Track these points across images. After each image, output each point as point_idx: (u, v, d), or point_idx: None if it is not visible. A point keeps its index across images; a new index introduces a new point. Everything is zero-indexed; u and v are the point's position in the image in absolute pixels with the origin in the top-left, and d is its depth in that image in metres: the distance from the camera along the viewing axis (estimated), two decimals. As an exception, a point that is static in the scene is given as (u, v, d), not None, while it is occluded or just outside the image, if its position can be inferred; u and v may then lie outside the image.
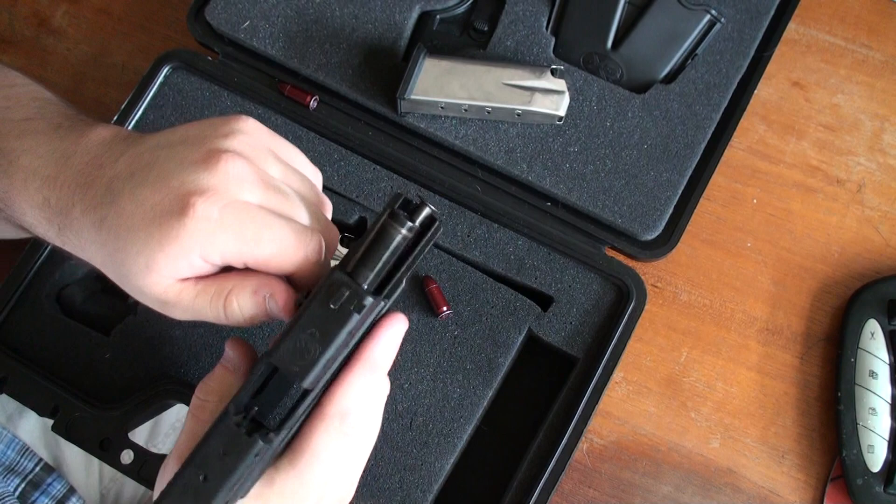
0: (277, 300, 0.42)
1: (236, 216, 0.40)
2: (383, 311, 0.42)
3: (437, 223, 0.40)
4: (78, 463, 0.67)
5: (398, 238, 0.39)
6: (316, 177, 0.48)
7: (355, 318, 0.38)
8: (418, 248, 0.40)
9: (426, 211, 0.40)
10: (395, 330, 0.43)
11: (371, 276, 0.40)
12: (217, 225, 0.40)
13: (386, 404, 0.60)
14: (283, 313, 0.42)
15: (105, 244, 0.42)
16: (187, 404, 0.62)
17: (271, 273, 0.42)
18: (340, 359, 0.40)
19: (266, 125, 0.65)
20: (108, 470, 0.68)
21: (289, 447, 0.42)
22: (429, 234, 0.40)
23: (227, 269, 0.43)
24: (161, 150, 0.42)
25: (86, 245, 0.43)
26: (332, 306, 0.38)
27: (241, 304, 0.42)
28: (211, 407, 0.42)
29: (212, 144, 0.41)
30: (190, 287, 0.42)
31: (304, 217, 0.43)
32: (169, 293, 0.42)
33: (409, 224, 0.40)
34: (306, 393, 0.40)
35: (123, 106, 0.66)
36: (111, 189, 0.42)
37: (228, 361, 0.44)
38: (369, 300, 0.39)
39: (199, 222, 0.39)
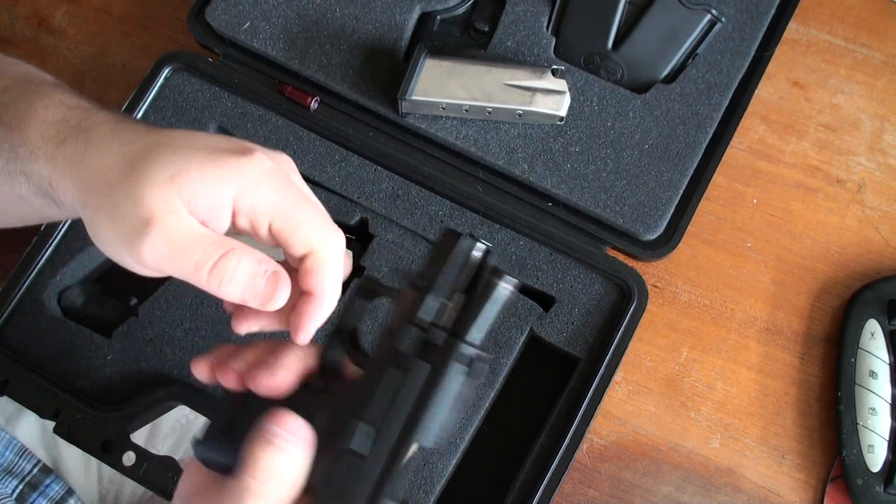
0: (274, 286, 0.41)
1: (282, 178, 0.41)
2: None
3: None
4: (77, 464, 0.67)
5: (497, 292, 0.38)
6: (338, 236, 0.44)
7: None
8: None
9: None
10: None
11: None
12: (265, 176, 0.40)
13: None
14: (267, 304, 0.41)
15: (131, 143, 0.41)
16: (189, 406, 0.62)
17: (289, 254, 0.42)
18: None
19: (267, 126, 0.67)
20: (107, 471, 0.68)
21: None
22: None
23: None
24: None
25: (96, 151, 0.42)
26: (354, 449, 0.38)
27: (239, 267, 0.40)
28: None
29: (242, 144, 0.43)
30: (194, 222, 0.40)
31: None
32: (169, 213, 0.39)
33: (509, 279, 0.39)
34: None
35: (124, 107, 0.66)
36: (156, 129, 0.43)
37: None
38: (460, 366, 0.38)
39: (252, 166, 0.40)
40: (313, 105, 0.67)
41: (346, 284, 0.63)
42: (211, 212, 0.40)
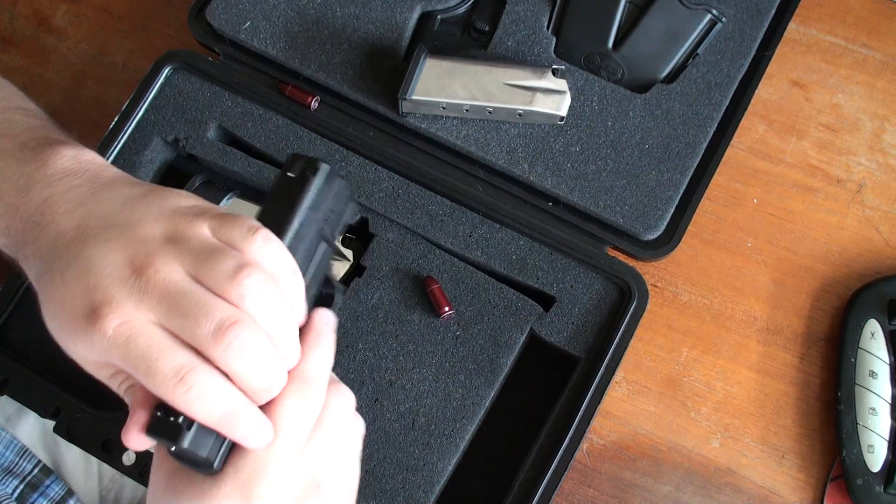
0: (136, 398, 0.40)
1: (129, 338, 0.37)
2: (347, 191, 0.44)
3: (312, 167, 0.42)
4: (77, 464, 0.67)
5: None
6: (286, 278, 0.40)
7: (314, 180, 0.41)
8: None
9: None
10: (326, 312, 0.43)
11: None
12: (110, 343, 0.37)
13: (388, 404, 0.61)
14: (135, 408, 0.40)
15: (40, 298, 0.41)
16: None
17: None
18: (316, 230, 0.42)
19: (267, 126, 0.67)
20: (108, 471, 0.68)
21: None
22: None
23: None
24: (104, 229, 0.40)
25: (34, 285, 0.42)
26: (290, 175, 0.42)
27: (122, 389, 0.41)
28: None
29: (145, 247, 0.39)
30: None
31: (214, 349, 0.38)
32: (77, 360, 0.41)
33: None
34: None
35: (124, 107, 0.66)
36: (54, 249, 0.41)
37: None
38: (324, 166, 0.42)
39: (96, 335, 0.38)
40: (314, 105, 0.67)
41: (346, 282, 0.64)
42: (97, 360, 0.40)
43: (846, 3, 0.71)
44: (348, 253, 0.65)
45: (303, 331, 0.42)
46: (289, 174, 0.42)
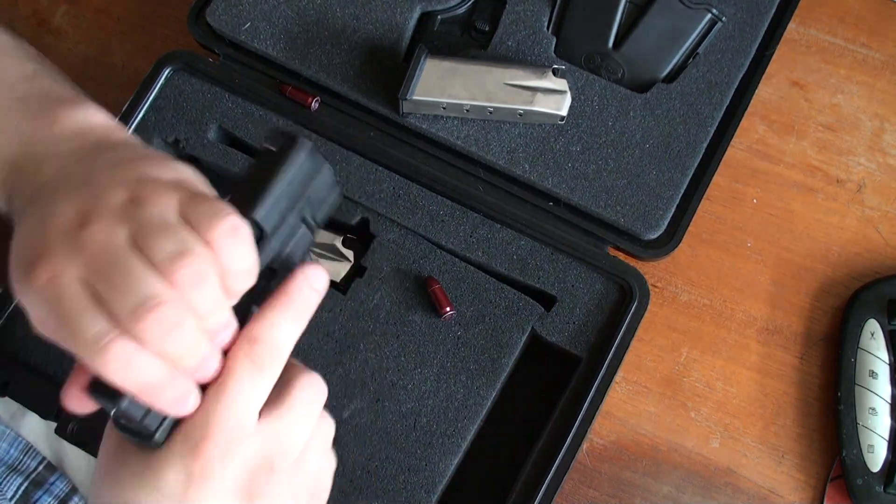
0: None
1: (55, 294, 0.35)
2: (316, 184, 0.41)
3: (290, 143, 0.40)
4: (80, 461, 0.67)
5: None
6: (238, 277, 0.37)
7: (296, 153, 0.39)
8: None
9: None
10: (312, 271, 0.40)
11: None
12: (39, 298, 0.36)
13: (389, 405, 0.61)
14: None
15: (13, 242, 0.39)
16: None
17: None
18: (294, 212, 0.39)
19: (268, 126, 0.66)
20: (110, 469, 0.68)
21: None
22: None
23: None
24: (81, 185, 0.38)
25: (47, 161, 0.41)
26: (271, 148, 0.39)
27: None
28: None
29: (98, 204, 0.37)
30: None
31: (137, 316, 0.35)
32: (34, 321, 0.38)
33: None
34: (260, 232, 0.38)
35: (125, 108, 0.66)
36: (31, 199, 0.39)
37: None
38: (307, 141, 0.40)
39: (28, 288, 0.36)
40: (314, 105, 0.67)
41: (347, 282, 0.64)
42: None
43: (846, 3, 0.71)
44: (349, 253, 0.65)
45: (276, 289, 0.40)
46: (268, 147, 0.39)
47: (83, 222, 0.36)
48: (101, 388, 0.36)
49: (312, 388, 0.41)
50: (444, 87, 0.64)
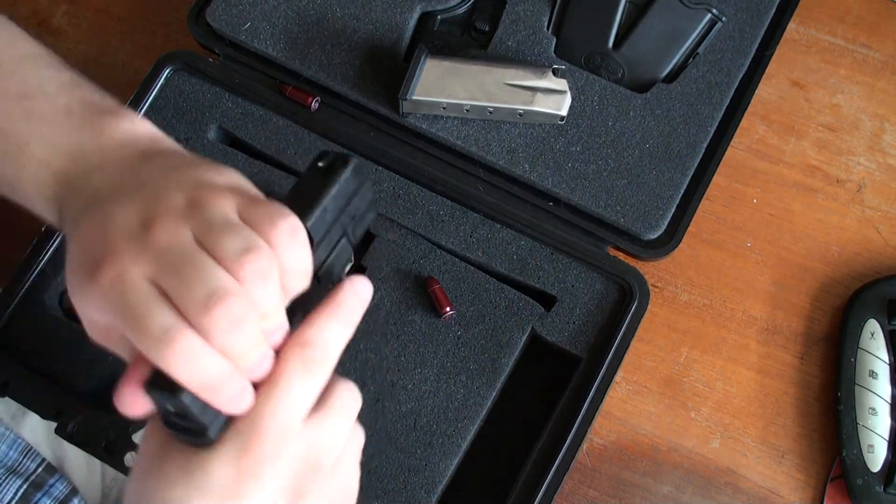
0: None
1: (121, 291, 0.36)
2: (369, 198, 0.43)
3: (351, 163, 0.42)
4: (80, 462, 0.67)
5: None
6: (296, 277, 0.39)
7: (344, 171, 0.41)
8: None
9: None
10: (359, 281, 0.42)
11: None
12: (104, 295, 0.37)
13: (390, 405, 0.61)
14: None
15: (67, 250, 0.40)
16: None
17: None
18: (338, 225, 0.41)
19: (268, 127, 0.66)
20: (111, 469, 0.68)
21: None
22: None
23: None
24: (136, 191, 0.39)
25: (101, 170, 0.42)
26: (320, 164, 0.41)
27: (130, 355, 0.40)
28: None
29: (161, 207, 0.38)
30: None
31: (201, 313, 0.36)
32: (88, 326, 0.40)
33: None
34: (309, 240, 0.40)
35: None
36: (86, 206, 0.40)
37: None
38: (355, 159, 0.41)
39: (93, 287, 0.37)
40: (314, 105, 0.67)
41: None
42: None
43: (846, 3, 0.71)
44: (349, 253, 0.65)
45: (326, 297, 0.41)
46: (319, 164, 0.41)
47: (146, 225, 0.37)
48: (159, 385, 0.36)
49: (351, 396, 0.42)
50: (444, 87, 0.64)
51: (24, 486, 0.64)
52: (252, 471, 0.37)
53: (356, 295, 0.42)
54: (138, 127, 0.44)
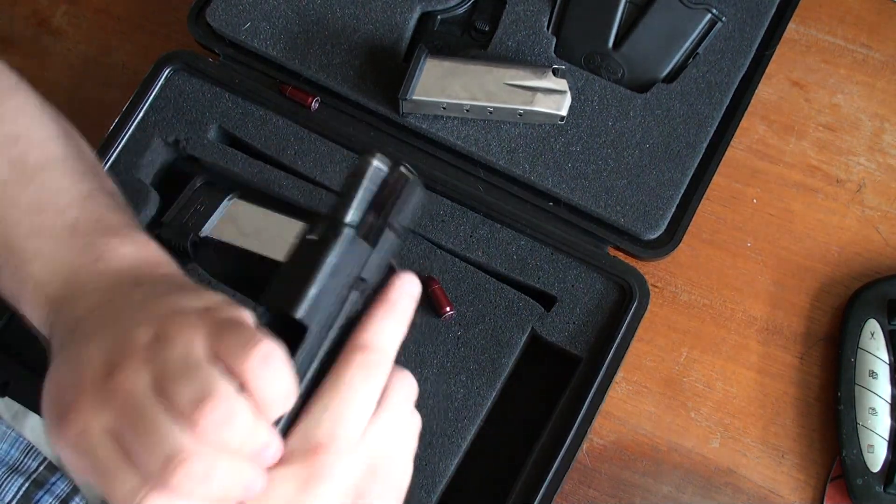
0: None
1: (86, 450, 0.35)
2: (370, 258, 0.40)
3: (415, 176, 0.40)
4: (81, 462, 0.67)
5: (370, 169, 0.39)
6: (274, 405, 0.36)
7: (336, 244, 0.38)
8: (398, 193, 0.40)
9: (399, 167, 0.40)
10: (409, 278, 0.41)
11: (351, 212, 0.39)
12: (71, 451, 0.36)
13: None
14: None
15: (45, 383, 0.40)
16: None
17: None
18: (338, 294, 0.38)
19: (268, 127, 0.66)
20: (111, 469, 0.68)
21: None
22: (408, 184, 0.40)
23: None
24: (112, 324, 0.38)
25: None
26: (310, 238, 0.38)
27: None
28: None
29: (126, 348, 0.36)
30: None
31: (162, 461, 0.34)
32: None
33: (381, 156, 0.39)
34: (303, 329, 0.37)
35: (124, 108, 0.66)
36: (63, 339, 0.40)
37: None
38: (347, 229, 0.38)
39: (60, 441, 0.36)
40: (314, 105, 0.67)
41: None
42: None
43: (846, 3, 0.71)
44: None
45: (377, 297, 0.40)
46: (309, 237, 0.38)
47: (110, 370, 0.36)
48: None
49: (408, 386, 0.41)
50: (444, 87, 0.64)
51: (26, 485, 0.64)
52: (315, 488, 0.37)
53: (407, 292, 0.41)
54: (140, 251, 0.43)
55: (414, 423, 0.42)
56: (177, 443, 0.34)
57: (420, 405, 0.60)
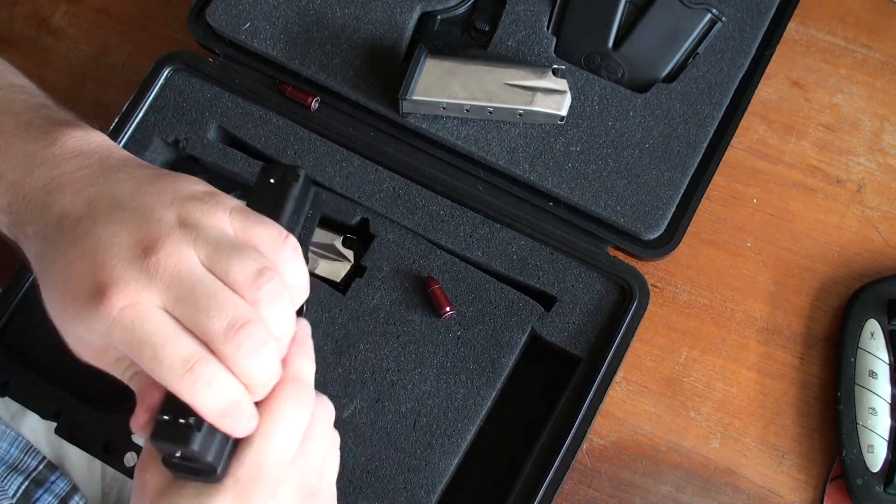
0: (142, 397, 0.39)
1: (134, 322, 0.37)
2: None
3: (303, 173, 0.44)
4: (80, 461, 0.67)
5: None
6: (300, 292, 0.41)
7: (296, 185, 0.43)
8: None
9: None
10: (306, 323, 0.44)
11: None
12: (114, 325, 0.37)
13: (389, 405, 0.61)
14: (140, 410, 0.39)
15: (40, 278, 0.41)
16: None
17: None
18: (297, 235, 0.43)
19: (268, 127, 0.66)
20: (111, 469, 0.68)
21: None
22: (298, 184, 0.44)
23: None
24: (115, 209, 0.39)
25: (32, 265, 0.42)
26: (271, 181, 0.43)
27: (126, 376, 0.41)
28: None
29: (157, 228, 0.38)
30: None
31: (223, 342, 0.37)
32: (76, 345, 0.41)
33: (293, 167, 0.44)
34: None
35: (124, 108, 0.66)
36: (58, 227, 0.40)
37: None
38: (303, 172, 0.43)
39: (99, 317, 0.37)
40: (314, 105, 0.67)
41: (347, 283, 0.64)
42: (98, 343, 0.39)
43: (846, 3, 0.71)
44: (349, 253, 0.65)
45: (292, 339, 0.42)
46: (270, 180, 0.43)
47: (148, 249, 0.37)
48: (168, 433, 0.37)
49: (325, 410, 0.44)
50: (444, 87, 0.64)
51: (26, 483, 0.64)
52: None
53: (308, 333, 0.44)
54: (91, 136, 0.45)
55: (335, 441, 0.45)
56: (238, 309, 0.37)
57: (420, 405, 0.61)
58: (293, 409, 0.40)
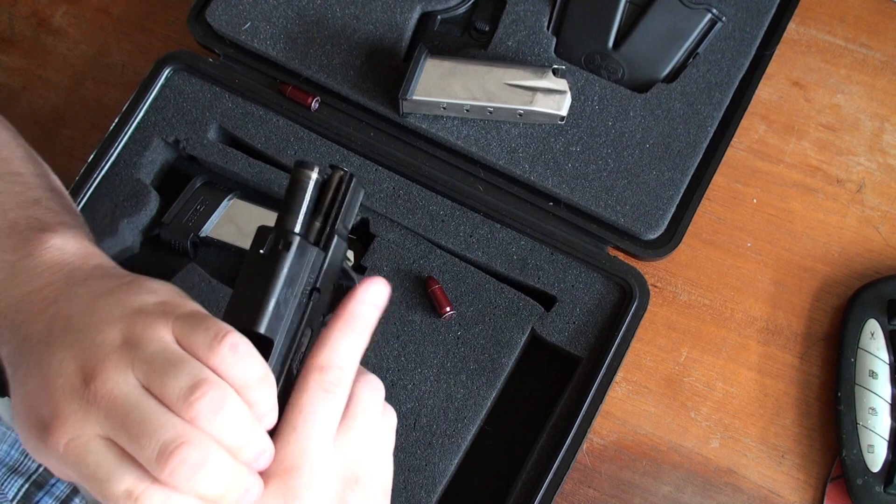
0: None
1: (78, 456, 0.36)
2: (326, 262, 0.41)
3: (352, 175, 0.42)
4: (80, 463, 0.67)
5: (309, 182, 0.41)
6: (255, 388, 0.37)
7: (287, 255, 0.39)
8: (342, 198, 0.42)
9: (339, 172, 0.42)
10: (372, 287, 0.41)
11: (297, 221, 0.40)
12: (63, 460, 0.37)
13: (390, 405, 0.61)
14: None
15: (11, 402, 0.40)
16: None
17: None
18: (295, 304, 0.39)
19: (268, 127, 0.66)
20: (110, 470, 0.68)
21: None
22: (348, 186, 0.42)
23: None
24: (66, 332, 0.39)
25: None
26: (261, 252, 0.39)
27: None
28: None
29: (98, 353, 0.37)
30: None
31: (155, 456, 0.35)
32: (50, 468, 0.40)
33: (318, 168, 0.41)
34: (269, 342, 0.39)
35: (125, 108, 0.66)
36: (21, 352, 0.40)
37: None
38: (297, 238, 0.39)
39: (48, 452, 0.37)
40: (314, 105, 0.67)
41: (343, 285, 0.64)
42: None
43: (846, 3, 0.71)
44: (349, 254, 0.65)
45: (336, 311, 0.41)
46: (259, 251, 0.40)
47: (88, 377, 0.36)
48: None
49: (371, 390, 0.42)
50: (444, 86, 0.64)
51: (26, 485, 0.64)
52: (297, 500, 0.38)
53: (366, 302, 0.41)
54: (68, 244, 0.44)
55: (387, 422, 0.43)
56: (173, 430, 0.35)
57: (420, 405, 0.61)
58: (318, 399, 0.39)
